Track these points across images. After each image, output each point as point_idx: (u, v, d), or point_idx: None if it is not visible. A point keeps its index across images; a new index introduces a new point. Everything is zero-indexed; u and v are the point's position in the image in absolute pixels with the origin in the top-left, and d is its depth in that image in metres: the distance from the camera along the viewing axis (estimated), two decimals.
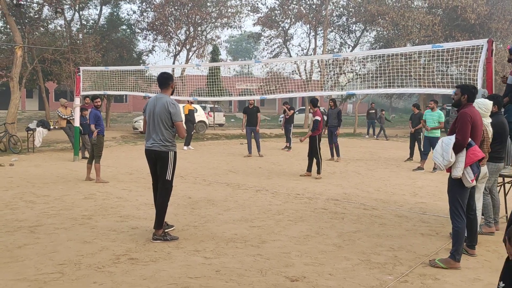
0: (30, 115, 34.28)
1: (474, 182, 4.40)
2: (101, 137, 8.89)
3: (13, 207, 6.67)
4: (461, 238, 4.42)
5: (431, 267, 4.40)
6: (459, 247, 4.39)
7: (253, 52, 69.29)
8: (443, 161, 4.37)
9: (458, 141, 4.35)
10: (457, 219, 4.43)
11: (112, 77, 12.69)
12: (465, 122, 4.39)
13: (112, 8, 26.11)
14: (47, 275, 4.04)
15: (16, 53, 16.42)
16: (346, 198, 7.77)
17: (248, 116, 13.85)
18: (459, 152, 4.36)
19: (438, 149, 4.45)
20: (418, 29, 24.15)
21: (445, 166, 4.39)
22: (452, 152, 4.32)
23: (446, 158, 4.34)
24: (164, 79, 5.27)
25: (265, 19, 27.72)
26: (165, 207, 5.19)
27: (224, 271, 4.21)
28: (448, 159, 4.33)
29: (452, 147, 4.34)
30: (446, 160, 4.34)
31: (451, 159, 4.32)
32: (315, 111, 9.99)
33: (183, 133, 5.19)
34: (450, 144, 4.35)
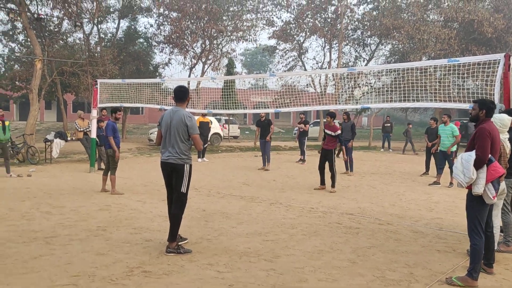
0: (49, 126, 34.88)
1: (495, 199, 4.33)
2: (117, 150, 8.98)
3: (30, 217, 6.76)
4: (480, 256, 4.34)
5: (448, 285, 4.32)
6: (477, 265, 4.30)
7: (268, 65, 69.63)
8: (464, 178, 4.29)
9: (478, 157, 4.28)
10: (476, 236, 4.34)
11: (129, 90, 12.87)
12: (484, 138, 4.33)
13: (129, 22, 26.59)
14: (61, 287, 4.07)
15: (36, 66, 16.77)
16: (360, 212, 7.70)
17: (261, 129, 13.96)
18: (479, 168, 4.29)
19: (458, 166, 4.36)
20: (434, 42, 24.04)
21: (466, 183, 4.31)
22: (473, 168, 4.24)
23: (468, 175, 4.25)
24: (182, 93, 5.33)
25: (280, 33, 27.90)
26: (180, 219, 5.21)
27: (237, 285, 4.19)
28: (470, 176, 4.24)
29: (473, 163, 4.27)
30: (468, 177, 4.26)
31: (473, 176, 4.23)
32: (334, 125, 9.93)
33: (200, 146, 5.27)
34: (471, 161, 4.26)
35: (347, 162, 12.93)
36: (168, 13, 25.66)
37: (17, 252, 5.06)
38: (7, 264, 4.65)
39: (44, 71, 18.82)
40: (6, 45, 23.92)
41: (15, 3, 17.27)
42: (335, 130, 9.83)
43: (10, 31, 23.19)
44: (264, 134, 13.85)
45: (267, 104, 16.04)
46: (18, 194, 8.66)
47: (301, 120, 15.93)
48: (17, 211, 7.18)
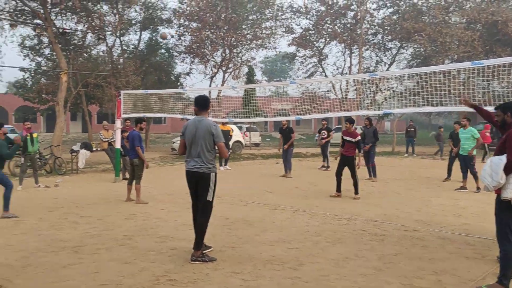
0: (74, 137, 35.63)
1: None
2: (141, 160, 9.11)
3: (58, 227, 6.91)
4: (510, 263, 4.23)
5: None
6: (507, 272, 4.20)
7: (288, 71, 69.68)
8: (492, 181, 4.20)
9: (510, 162, 4.17)
10: (506, 242, 4.24)
11: (152, 100, 13.08)
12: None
13: (151, 33, 27.01)
14: None
15: (62, 79, 17.22)
16: (385, 219, 7.60)
17: (283, 137, 13.99)
18: (510, 173, 4.19)
19: (486, 169, 4.27)
20: (456, 45, 23.64)
21: (493, 187, 4.21)
22: (503, 173, 4.14)
23: (496, 179, 4.16)
24: (204, 101, 5.43)
25: (300, 39, 27.88)
26: (205, 227, 5.26)
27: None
28: (498, 180, 4.15)
29: (503, 168, 4.16)
30: (496, 181, 4.16)
31: (501, 180, 4.14)
32: (353, 131, 9.85)
33: (225, 154, 5.44)
34: (500, 165, 4.16)
35: (370, 168, 12.81)
36: (188, 23, 25.98)
37: (47, 261, 5.18)
38: (38, 273, 4.76)
39: (69, 84, 19.30)
40: (33, 59, 24.58)
41: (41, 18, 17.80)
42: (355, 136, 9.72)
43: (36, 45, 23.87)
44: (286, 141, 13.87)
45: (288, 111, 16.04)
46: (47, 204, 8.87)
47: (323, 127, 15.84)
48: (46, 221, 7.35)
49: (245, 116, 13.23)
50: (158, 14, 26.16)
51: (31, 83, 25.79)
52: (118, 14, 22.57)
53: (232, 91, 20.05)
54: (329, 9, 26.80)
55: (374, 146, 12.98)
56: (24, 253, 5.48)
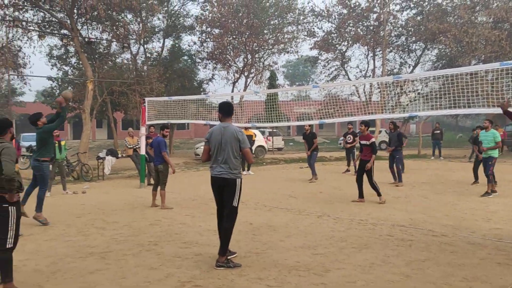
0: (100, 144, 36.32)
1: None
2: (167, 165, 9.20)
3: (86, 233, 7.04)
4: None
5: None
6: None
7: (310, 75, 69.40)
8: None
9: None
10: None
11: (175, 106, 13.21)
12: None
13: (174, 40, 27.38)
14: None
15: (88, 87, 17.59)
16: (412, 224, 7.45)
17: (307, 142, 14.01)
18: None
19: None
20: (483, 45, 23.11)
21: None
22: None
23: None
24: (228, 107, 5.49)
25: (322, 43, 27.77)
26: (230, 233, 5.26)
27: None
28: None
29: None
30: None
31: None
32: (367, 134, 9.67)
33: (251, 159, 5.51)
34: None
35: (394, 172, 12.60)
36: (210, 30, 26.23)
37: (75, 267, 5.27)
38: (67, 279, 4.85)
39: (95, 92, 19.71)
40: (60, 68, 25.25)
41: (68, 29, 18.25)
42: (369, 139, 9.56)
43: (63, 55, 24.51)
44: (309, 146, 13.85)
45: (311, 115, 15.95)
46: (74, 211, 9.04)
47: (348, 131, 15.65)
48: (73, 227, 7.49)
49: (267, 121, 13.22)
50: (181, 21, 26.52)
51: (59, 92, 26.45)
52: (141, 22, 22.94)
53: (255, 96, 20.10)
54: (351, 11, 26.62)
55: (399, 150, 12.75)
56: (53, 259, 5.59)
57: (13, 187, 4.34)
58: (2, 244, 4.35)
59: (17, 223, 4.46)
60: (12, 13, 17.30)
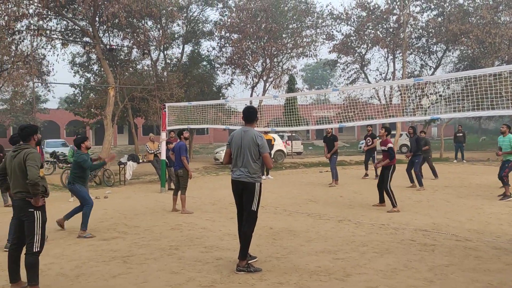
0: (121, 149, 36.81)
1: None
2: (186, 170, 9.28)
3: (108, 237, 7.14)
4: None
5: None
6: None
7: (329, 79, 69.11)
8: None
9: None
10: None
11: (195, 112, 13.32)
12: None
13: (193, 46, 27.61)
14: None
15: (109, 93, 17.88)
16: (435, 228, 7.33)
17: (327, 145, 13.85)
18: None
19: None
20: (507, 45, 22.64)
21: None
22: None
23: None
24: (251, 113, 5.49)
25: (341, 46, 27.60)
26: (250, 237, 5.27)
27: None
28: None
29: None
30: None
31: None
32: (386, 139, 9.49)
33: (270, 164, 5.42)
34: None
35: (411, 175, 12.36)
36: (229, 35, 26.37)
37: (98, 270, 5.35)
38: (90, 282, 4.93)
39: (116, 98, 20.00)
40: (82, 75, 25.75)
41: (90, 36, 18.62)
42: (386, 144, 9.38)
43: (85, 62, 24.99)
44: (330, 149, 13.71)
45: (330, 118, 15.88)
46: (96, 216, 9.16)
47: (368, 133, 15.49)
48: (96, 231, 7.60)
49: (286, 125, 13.21)
50: (200, 27, 26.74)
51: (81, 98, 26.96)
52: (161, 29, 23.24)
53: (273, 100, 20.09)
54: (370, 14, 26.40)
55: (419, 155, 12.45)
56: (77, 263, 5.69)
57: (37, 192, 4.46)
58: (29, 248, 4.48)
59: (43, 228, 4.58)
60: (37, 22, 17.73)
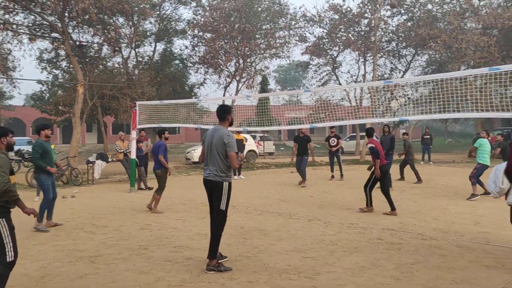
0: (90, 148, 36.08)
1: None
2: (164, 170, 9.20)
3: (75, 237, 6.98)
4: None
5: None
6: None
7: (301, 80, 69.73)
8: (495, 188, 4.26)
9: (508, 167, 4.18)
10: None
11: (166, 110, 13.19)
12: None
13: (165, 44, 27.37)
14: None
15: (78, 91, 17.50)
16: (402, 227, 7.50)
17: (299, 145, 13.61)
18: None
19: (491, 176, 4.35)
20: (472, 51, 23.41)
21: (498, 193, 4.25)
22: (504, 178, 4.16)
23: (498, 185, 4.21)
24: (222, 111, 5.46)
25: (313, 48, 27.90)
26: (219, 237, 5.25)
27: None
28: (500, 186, 4.19)
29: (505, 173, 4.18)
30: (498, 187, 4.21)
31: (502, 185, 4.19)
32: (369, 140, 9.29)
33: (235, 164, 5.26)
34: (502, 171, 4.20)
35: None
36: (202, 34, 26.26)
37: (64, 271, 5.22)
38: (56, 283, 4.81)
39: (85, 96, 19.60)
40: (50, 72, 25.10)
41: (58, 32, 18.17)
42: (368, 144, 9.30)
43: (54, 58, 24.37)
44: (301, 150, 13.51)
45: (302, 119, 15.98)
46: (64, 215, 8.97)
47: (331, 134, 15.37)
48: (62, 231, 7.43)
49: (259, 125, 13.23)
50: (173, 25, 26.51)
51: (48, 96, 26.30)
52: (133, 26, 22.92)
53: (246, 101, 20.12)
54: (342, 17, 26.79)
55: (391, 154, 12.59)
56: (42, 263, 5.54)
57: (14, 198, 4.12)
58: (2, 259, 4.07)
59: (12, 235, 4.15)
60: (2, 16, 17.19)
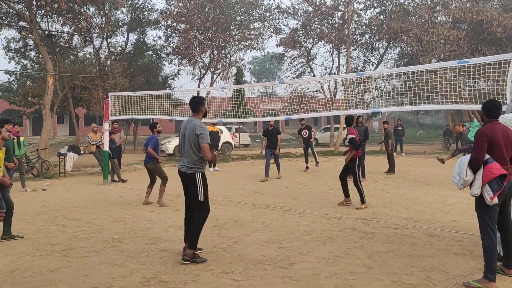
0: (61, 140, 35.28)
1: (495, 200, 4.27)
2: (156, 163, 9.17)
3: (46, 231, 6.84)
4: (492, 257, 4.29)
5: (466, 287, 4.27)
6: (490, 265, 4.27)
7: (276, 72, 69.85)
8: (459, 179, 4.38)
9: (471, 159, 4.36)
10: (486, 237, 4.34)
11: (140, 102, 13.00)
12: (479, 140, 4.38)
13: (138, 35, 26.88)
14: None
15: (48, 81, 17.04)
16: (375, 217, 7.65)
17: (268, 139, 13.29)
18: (476, 170, 4.34)
19: (456, 168, 4.46)
20: (443, 44, 23.89)
21: (462, 185, 4.38)
22: (468, 170, 4.30)
23: (462, 177, 4.34)
24: (195, 103, 5.42)
25: (288, 40, 27.96)
26: (199, 227, 5.20)
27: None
28: (463, 178, 4.32)
29: (469, 165, 4.32)
30: (462, 179, 4.35)
31: (466, 177, 4.31)
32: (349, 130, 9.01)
33: (207, 155, 5.20)
34: (467, 163, 4.33)
35: None
36: (176, 25, 25.90)
37: (35, 265, 5.12)
38: (26, 277, 4.71)
39: (56, 86, 19.12)
40: (18, 62, 24.33)
41: (26, 21, 17.61)
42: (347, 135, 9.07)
43: (22, 48, 23.62)
44: (271, 143, 13.21)
45: (277, 111, 16.01)
46: (34, 208, 8.77)
47: (302, 127, 15.13)
48: (33, 224, 7.27)
49: (234, 117, 13.20)
50: (146, 15, 26.05)
51: (17, 86, 25.53)
52: (105, 15, 22.42)
53: (221, 92, 20.02)
54: (316, 9, 26.91)
55: (363, 145, 12.73)
56: (12, 257, 5.41)
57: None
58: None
59: None
60: None
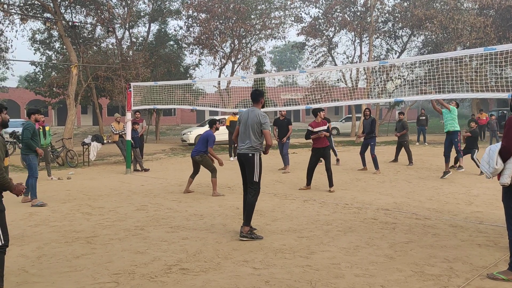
0: (85, 130, 35.94)
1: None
2: (204, 156, 9.07)
3: (71, 218, 7.01)
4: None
5: (490, 279, 4.20)
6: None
7: (297, 61, 69.38)
8: (489, 168, 4.25)
9: (503, 147, 4.21)
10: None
11: (161, 92, 13.11)
12: (510, 127, 4.21)
13: (160, 25, 27.00)
14: (103, 284, 4.21)
15: (72, 72, 17.31)
16: (396, 207, 7.57)
17: (279, 129, 13.08)
18: (506, 158, 4.20)
19: (485, 157, 4.33)
20: (468, 31, 23.29)
21: (491, 174, 4.25)
22: (498, 158, 4.17)
23: (492, 165, 4.21)
24: (256, 95, 6.18)
25: (309, 29, 27.67)
26: (253, 206, 5.84)
27: (273, 282, 4.21)
28: (493, 166, 4.19)
29: (499, 153, 4.19)
30: (492, 167, 4.21)
31: (496, 166, 4.18)
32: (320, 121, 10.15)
33: (270, 141, 5.99)
34: (497, 151, 4.20)
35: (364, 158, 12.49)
36: (197, 14, 25.92)
37: (60, 251, 5.26)
38: (52, 263, 4.84)
39: (79, 77, 19.41)
40: (44, 53, 24.78)
41: (51, 12, 17.89)
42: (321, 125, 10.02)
43: (47, 39, 24.05)
44: (282, 133, 13.00)
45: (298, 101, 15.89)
46: (59, 196, 8.98)
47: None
48: (59, 212, 7.45)
49: None
50: (167, 5, 26.13)
51: (42, 77, 26.02)
52: (127, 6, 22.58)
53: (241, 82, 20.02)
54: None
55: (373, 137, 12.35)
56: (38, 244, 5.57)
57: (5, 182, 3.77)
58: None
59: (1, 217, 3.76)
60: None
